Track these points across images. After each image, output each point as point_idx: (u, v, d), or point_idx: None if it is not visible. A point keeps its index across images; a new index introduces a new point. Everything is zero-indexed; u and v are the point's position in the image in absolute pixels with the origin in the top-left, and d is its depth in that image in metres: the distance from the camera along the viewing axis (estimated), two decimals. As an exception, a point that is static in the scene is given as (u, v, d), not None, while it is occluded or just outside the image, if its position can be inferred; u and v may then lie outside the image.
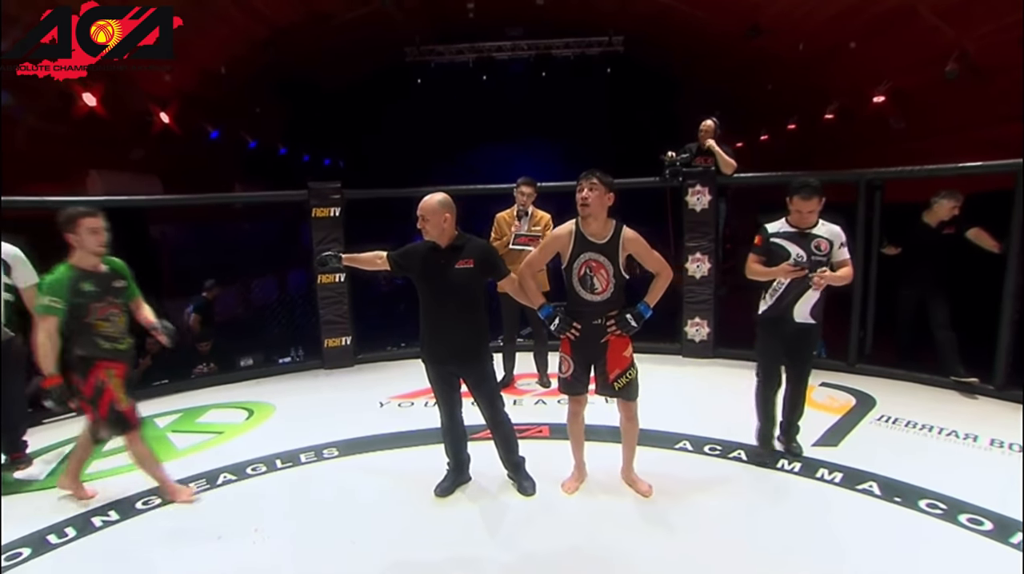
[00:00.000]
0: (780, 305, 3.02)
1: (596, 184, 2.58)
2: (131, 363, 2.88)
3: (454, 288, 2.64)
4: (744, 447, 3.27)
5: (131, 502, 2.88)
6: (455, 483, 2.96)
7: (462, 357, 2.73)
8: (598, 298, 2.64)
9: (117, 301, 2.75)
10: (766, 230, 3.03)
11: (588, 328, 2.67)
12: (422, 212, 2.63)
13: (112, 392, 2.71)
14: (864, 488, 2.80)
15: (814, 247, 2.92)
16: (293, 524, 2.67)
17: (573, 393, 2.82)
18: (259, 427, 3.89)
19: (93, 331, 2.67)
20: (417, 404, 4.21)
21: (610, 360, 2.70)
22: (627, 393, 2.74)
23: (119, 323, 2.76)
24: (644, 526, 2.60)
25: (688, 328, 5.14)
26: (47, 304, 2.58)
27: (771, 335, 3.08)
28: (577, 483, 2.92)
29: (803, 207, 2.91)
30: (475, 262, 2.65)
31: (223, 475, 3.14)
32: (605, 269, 2.61)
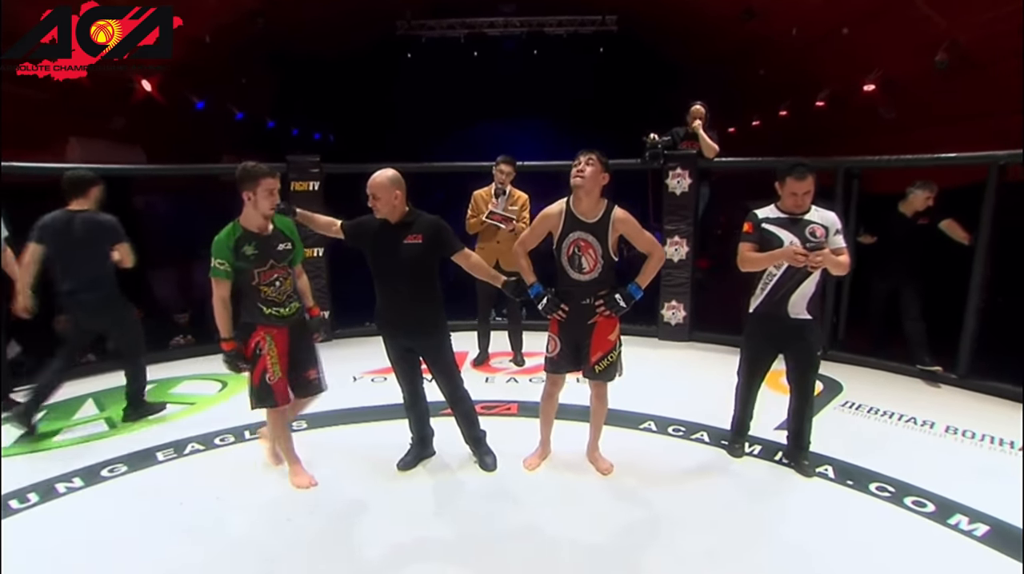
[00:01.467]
0: (772, 299, 2.77)
1: (594, 160, 2.58)
2: (297, 329, 2.71)
3: (404, 264, 2.62)
4: (707, 429, 3.33)
5: (96, 470, 2.91)
6: (418, 457, 3.00)
7: (416, 332, 2.73)
8: (586, 278, 2.65)
9: (281, 265, 2.62)
10: (756, 216, 2.79)
11: (576, 308, 2.68)
12: (372, 190, 2.58)
13: (266, 361, 2.61)
14: (820, 471, 2.87)
15: (808, 233, 2.67)
16: (254, 494, 2.71)
17: (556, 372, 2.84)
18: (232, 399, 3.91)
19: (256, 295, 2.58)
20: (390, 379, 4.13)
21: (594, 342, 2.72)
22: (606, 375, 2.77)
23: (284, 287, 2.63)
24: (602, 504, 2.66)
25: (664, 311, 5.18)
26: (214, 266, 2.52)
27: (761, 333, 2.87)
28: (540, 460, 2.98)
29: (798, 188, 2.67)
30: (424, 238, 2.62)
31: (191, 445, 3.17)
32: (593, 249, 2.61)
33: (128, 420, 3.50)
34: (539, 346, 4.67)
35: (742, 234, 2.80)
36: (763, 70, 9.98)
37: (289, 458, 2.82)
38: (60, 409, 3.71)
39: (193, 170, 6.03)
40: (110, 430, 3.43)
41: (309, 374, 2.78)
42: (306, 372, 2.77)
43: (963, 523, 2.46)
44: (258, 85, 10.41)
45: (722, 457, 3.08)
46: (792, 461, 2.95)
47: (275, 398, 2.64)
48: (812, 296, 2.74)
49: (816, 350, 2.83)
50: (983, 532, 2.41)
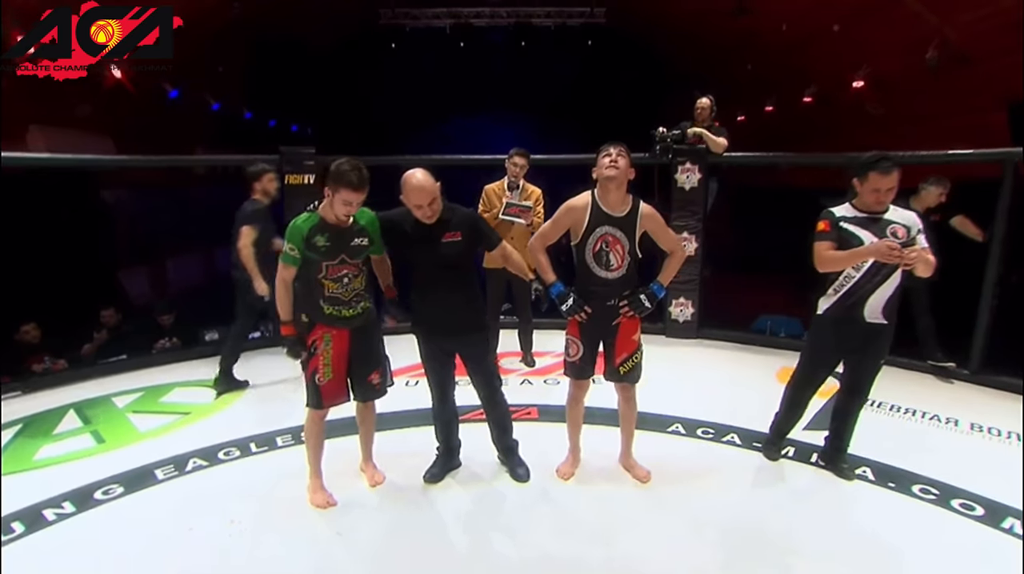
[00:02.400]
0: (847, 302, 2.57)
1: (623, 152, 2.46)
2: (361, 332, 2.52)
3: (445, 263, 2.48)
4: (737, 431, 3.24)
5: (88, 493, 2.63)
6: (445, 469, 2.83)
7: (460, 333, 2.59)
8: (613, 275, 2.52)
9: (353, 261, 2.43)
10: (832, 214, 2.57)
11: (600, 308, 2.55)
12: (425, 198, 2.35)
13: (319, 361, 2.46)
14: (859, 473, 2.79)
15: (889, 233, 2.46)
16: (272, 514, 2.49)
17: (580, 377, 2.71)
18: (230, 407, 3.66)
19: (320, 291, 2.41)
20: (398, 383, 4.03)
21: (619, 344, 2.60)
22: (632, 376, 2.66)
23: (353, 285, 2.44)
24: (645, 513, 2.53)
25: (672, 308, 5.09)
26: (284, 251, 2.38)
27: (831, 336, 2.66)
28: (572, 468, 2.83)
29: (882, 184, 2.44)
30: (463, 234, 2.49)
31: (193, 460, 2.92)
32: (621, 245, 2.49)
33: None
34: (549, 346, 4.62)
35: (817, 233, 2.57)
36: (751, 65, 10.01)
37: (312, 469, 2.62)
38: (37, 422, 3.40)
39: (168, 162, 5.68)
40: (98, 445, 3.14)
41: (371, 378, 2.60)
42: (368, 376, 2.59)
43: (1016, 527, 2.41)
44: (235, 75, 9.97)
45: (758, 460, 2.98)
46: (830, 463, 2.85)
47: (321, 399, 2.51)
48: (890, 299, 2.55)
49: (883, 356, 2.67)
50: (1037, 535, 2.35)
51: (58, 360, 4.52)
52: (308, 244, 2.35)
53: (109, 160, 6.49)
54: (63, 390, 3.93)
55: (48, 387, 3.98)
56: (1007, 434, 3.27)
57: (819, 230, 2.58)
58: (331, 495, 2.58)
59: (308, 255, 2.37)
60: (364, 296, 2.50)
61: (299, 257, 2.36)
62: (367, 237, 2.46)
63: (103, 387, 3.98)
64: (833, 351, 2.70)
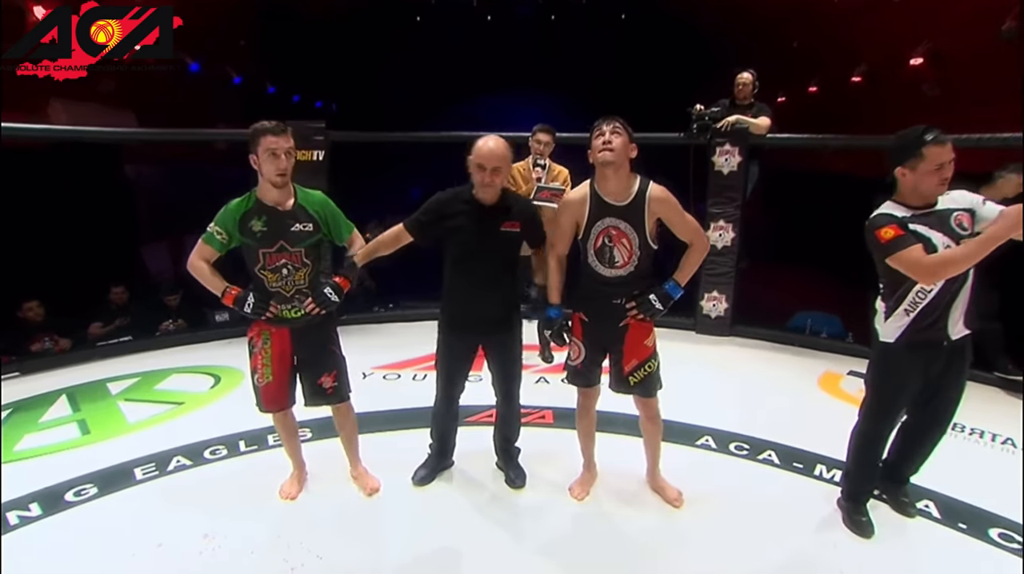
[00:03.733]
0: (926, 322, 2.06)
1: (619, 128, 2.09)
2: (307, 334, 2.27)
3: (496, 253, 2.26)
4: (774, 447, 2.88)
5: (59, 493, 2.43)
6: (436, 470, 2.61)
7: (494, 327, 2.35)
8: (619, 273, 2.18)
9: (294, 249, 2.18)
10: (896, 217, 2.04)
11: (606, 308, 2.22)
12: (493, 162, 2.12)
13: (257, 360, 2.27)
14: (921, 507, 2.42)
15: (955, 225, 2.00)
16: (252, 527, 2.25)
17: (585, 384, 2.40)
18: (225, 398, 3.46)
19: (259, 284, 2.20)
20: (404, 376, 3.80)
21: (627, 350, 2.26)
22: (645, 389, 2.31)
23: (295, 279, 2.20)
24: (671, 547, 2.22)
25: (704, 302, 4.71)
26: (208, 231, 2.15)
27: (909, 368, 2.13)
28: (587, 487, 2.52)
29: (944, 155, 1.95)
30: (522, 226, 2.27)
31: (176, 459, 2.70)
32: (628, 238, 2.14)
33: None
34: (569, 340, 4.31)
35: (893, 241, 1.98)
36: (797, 42, 9.34)
37: (291, 462, 2.52)
38: (26, 408, 3.25)
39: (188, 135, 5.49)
40: (82, 437, 2.95)
41: (323, 381, 2.35)
42: (318, 379, 2.35)
43: (1116, 584, 2.03)
44: (257, 47, 9.74)
45: (802, 485, 2.62)
46: (886, 494, 2.46)
47: (263, 402, 2.34)
48: (970, 305, 2.10)
49: (967, 375, 2.22)
50: None
51: (62, 339, 4.39)
52: (243, 228, 2.13)
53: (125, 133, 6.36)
54: (60, 373, 3.80)
55: (46, 369, 3.85)
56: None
57: (893, 238, 1.98)
58: (299, 488, 2.48)
59: (245, 242, 2.15)
60: (305, 293, 2.22)
61: (224, 242, 2.15)
62: (311, 222, 2.19)
63: (100, 371, 3.83)
64: (912, 385, 2.17)
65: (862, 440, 2.32)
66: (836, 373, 3.98)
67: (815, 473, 2.70)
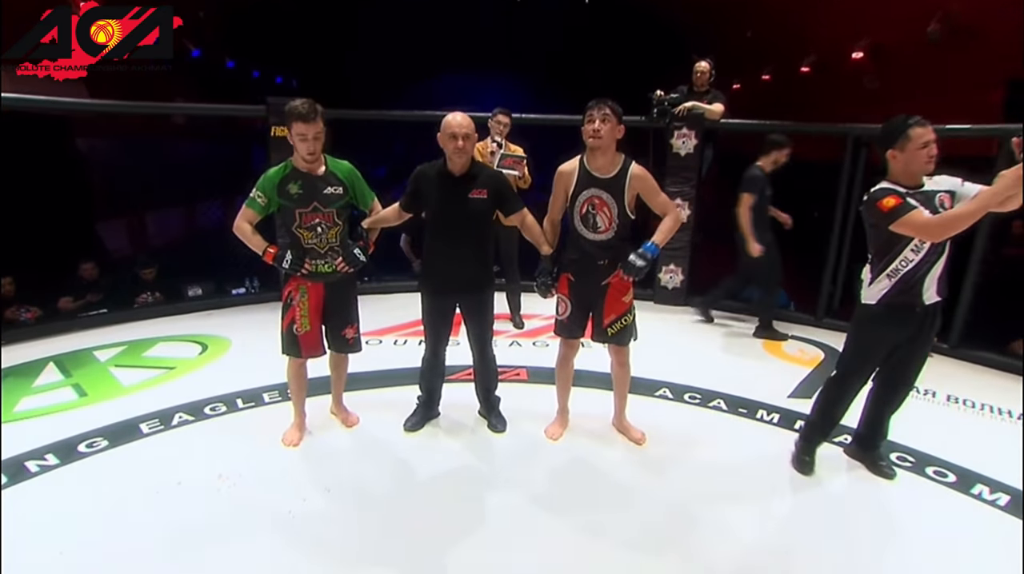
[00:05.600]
0: (906, 287, 2.28)
1: (608, 115, 2.38)
2: (338, 287, 2.57)
3: (468, 219, 2.51)
4: (723, 396, 3.28)
5: (72, 445, 2.59)
6: (424, 418, 2.90)
7: (469, 288, 2.63)
8: (601, 237, 2.50)
9: (327, 210, 2.44)
10: (891, 188, 2.24)
11: (590, 268, 2.54)
12: (463, 130, 2.40)
13: (296, 311, 2.53)
14: (839, 441, 2.84)
15: (938, 205, 2.19)
16: (260, 469, 2.47)
17: (569, 336, 2.71)
18: (215, 363, 3.61)
19: (297, 241, 2.45)
20: (386, 342, 4.03)
21: (608, 305, 2.59)
22: (620, 338, 2.65)
23: (328, 237, 2.46)
24: (641, 473, 2.56)
25: (662, 275, 5.10)
26: (251, 196, 2.42)
27: (887, 327, 2.35)
28: (561, 429, 2.85)
29: (928, 135, 2.15)
30: (488, 193, 2.52)
31: (178, 415, 2.88)
32: (608, 207, 2.46)
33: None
34: (537, 308, 4.61)
35: (897, 207, 2.15)
36: (750, 32, 9.80)
37: (296, 410, 2.74)
38: (15, 374, 3.32)
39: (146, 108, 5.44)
40: (80, 398, 3.08)
41: (346, 332, 2.67)
42: (343, 330, 2.66)
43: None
44: (216, 21, 9.50)
45: (744, 426, 3.03)
46: (864, 461, 2.67)
47: (300, 349, 2.58)
48: (942, 274, 2.30)
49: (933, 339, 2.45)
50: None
51: (32, 308, 4.38)
52: (281, 192, 2.40)
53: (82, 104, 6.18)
54: (41, 343, 3.84)
55: (25, 340, 3.88)
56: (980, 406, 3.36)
57: (895, 205, 2.16)
58: (300, 436, 2.70)
59: (283, 204, 2.42)
60: (339, 252, 2.51)
61: (264, 205, 2.41)
62: (341, 186, 2.48)
63: (83, 341, 3.90)
64: (887, 343, 2.40)
65: (831, 391, 2.56)
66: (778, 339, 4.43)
67: (757, 416, 3.11)
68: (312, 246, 2.46)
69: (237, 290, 5.24)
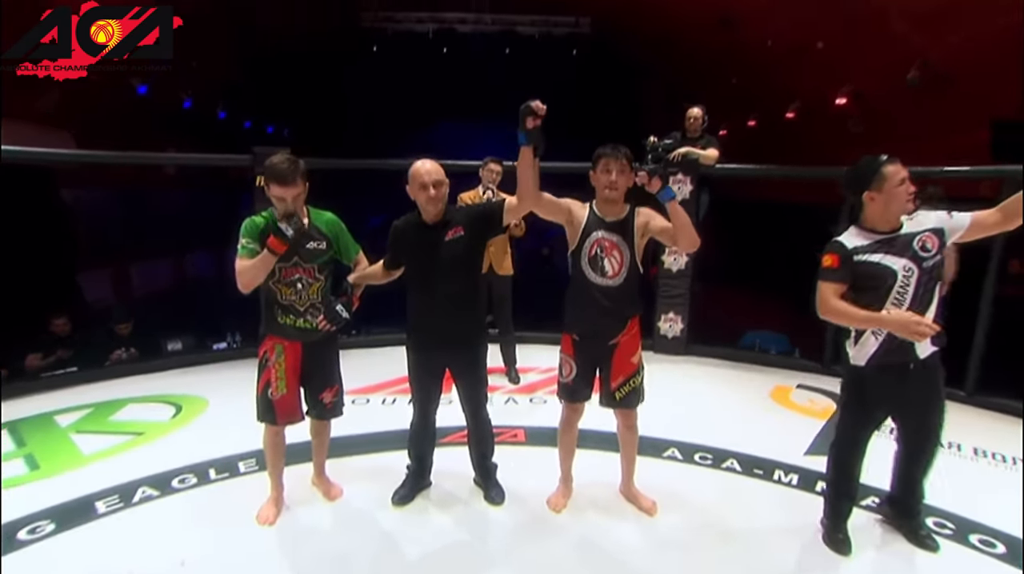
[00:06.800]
0: (896, 341, 2.04)
1: (625, 166, 2.29)
2: (318, 347, 2.37)
3: (449, 266, 2.32)
4: (736, 456, 3.05)
5: (11, 531, 2.28)
6: (414, 489, 2.64)
7: (457, 344, 2.41)
8: (608, 282, 2.34)
9: (307, 265, 2.27)
10: (843, 245, 2.08)
11: (598, 318, 2.36)
12: (438, 176, 2.27)
13: (271, 373, 2.32)
14: (867, 504, 2.61)
15: (919, 248, 2.03)
16: (229, 553, 2.20)
17: (573, 400, 2.51)
18: (188, 426, 3.35)
19: (274, 297, 2.28)
20: (374, 401, 3.79)
21: (615, 366, 2.41)
22: (629, 401, 2.46)
23: (308, 293, 2.29)
24: (655, 550, 2.31)
25: (661, 323, 4.93)
26: (241, 244, 2.20)
27: (878, 388, 2.16)
28: (565, 499, 2.60)
29: (903, 171, 2.02)
30: (465, 227, 2.33)
31: (142, 489, 2.60)
32: (619, 250, 2.32)
33: None
34: (534, 361, 4.40)
35: (823, 270, 2.09)
36: (735, 79, 10.03)
37: (272, 483, 2.48)
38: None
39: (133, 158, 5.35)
40: (31, 472, 2.79)
41: (324, 396, 2.46)
42: (321, 393, 2.45)
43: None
44: (209, 72, 9.58)
45: (764, 490, 2.79)
46: (902, 530, 2.41)
47: (276, 415, 2.36)
48: (936, 318, 2.05)
49: (941, 391, 2.20)
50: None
51: (0, 369, 4.11)
52: (263, 243, 2.20)
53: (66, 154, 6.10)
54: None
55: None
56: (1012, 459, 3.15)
57: (825, 266, 2.08)
58: (277, 512, 2.44)
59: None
60: (319, 309, 2.31)
61: (256, 251, 2.19)
62: (325, 240, 2.31)
63: (46, 403, 3.63)
64: (884, 406, 2.21)
65: (836, 461, 2.35)
66: (786, 386, 4.23)
67: (774, 478, 2.88)
68: (291, 302, 2.28)
69: (219, 344, 5.01)
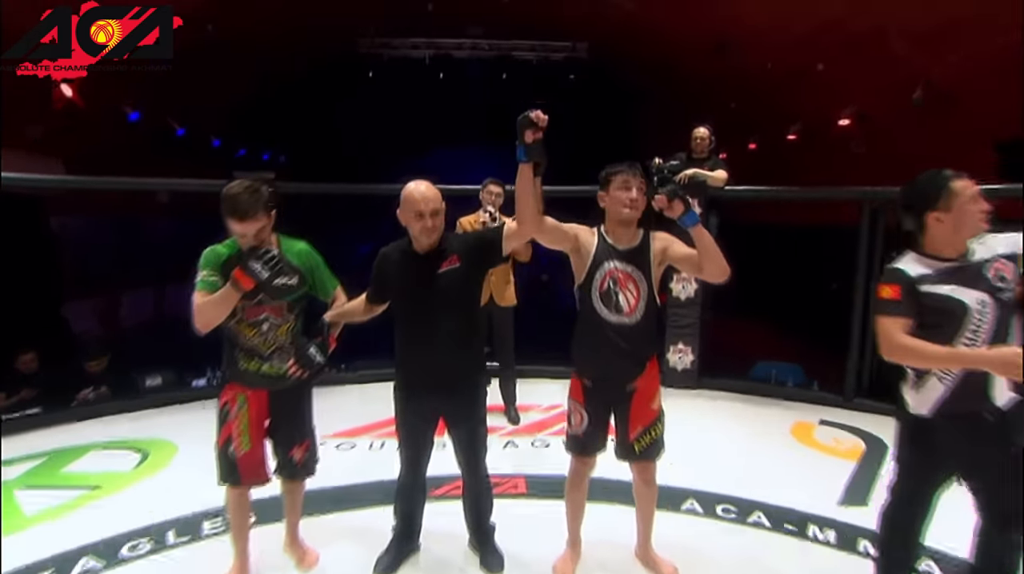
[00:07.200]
0: (967, 386, 1.69)
1: (643, 183, 2.06)
2: (284, 398, 2.07)
3: (442, 301, 2.03)
4: (762, 508, 2.73)
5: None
6: (401, 554, 2.31)
7: (453, 387, 2.11)
8: (624, 320, 2.04)
9: (276, 303, 1.98)
10: (904, 273, 1.74)
11: (613, 362, 2.07)
12: (435, 204, 1.99)
13: (232, 428, 2.02)
14: (923, 568, 2.29)
15: (993, 278, 1.70)
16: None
17: (583, 454, 2.19)
18: (151, 477, 3.02)
19: (236, 339, 1.99)
20: (360, 445, 3.46)
21: (633, 413, 2.11)
22: (649, 453, 2.16)
23: (276, 335, 1.99)
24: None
25: (671, 355, 4.63)
26: (201, 278, 1.91)
27: (949, 447, 1.74)
28: (572, 565, 2.28)
29: (972, 186, 1.71)
30: (461, 256, 2.05)
31: (84, 560, 2.26)
32: (635, 282, 2.03)
33: None
34: (535, 397, 4.09)
35: (880, 302, 1.75)
36: (734, 103, 9.95)
37: (236, 551, 2.15)
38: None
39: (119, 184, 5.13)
40: (-32, 535, 2.45)
41: (293, 453, 2.14)
42: (290, 450, 2.13)
43: None
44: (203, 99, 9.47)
45: (796, 550, 2.46)
46: None
47: (239, 475, 2.06)
48: None
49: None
50: None
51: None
52: (225, 275, 1.89)
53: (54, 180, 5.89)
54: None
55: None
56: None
57: (884, 298, 1.74)
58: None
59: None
60: (288, 353, 2.00)
61: (218, 283, 1.89)
62: (297, 274, 2.00)
63: (1, 450, 3.29)
64: (950, 465, 1.78)
65: (891, 529, 1.92)
66: (808, 422, 3.92)
67: (809, 534, 2.55)
68: (254, 345, 1.98)
69: (198, 380, 4.71)
